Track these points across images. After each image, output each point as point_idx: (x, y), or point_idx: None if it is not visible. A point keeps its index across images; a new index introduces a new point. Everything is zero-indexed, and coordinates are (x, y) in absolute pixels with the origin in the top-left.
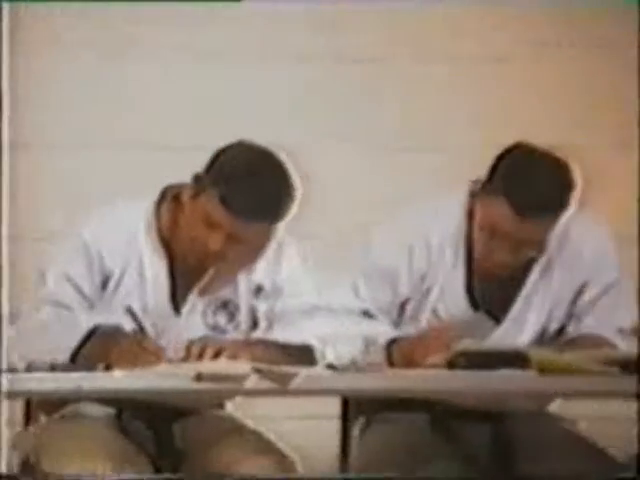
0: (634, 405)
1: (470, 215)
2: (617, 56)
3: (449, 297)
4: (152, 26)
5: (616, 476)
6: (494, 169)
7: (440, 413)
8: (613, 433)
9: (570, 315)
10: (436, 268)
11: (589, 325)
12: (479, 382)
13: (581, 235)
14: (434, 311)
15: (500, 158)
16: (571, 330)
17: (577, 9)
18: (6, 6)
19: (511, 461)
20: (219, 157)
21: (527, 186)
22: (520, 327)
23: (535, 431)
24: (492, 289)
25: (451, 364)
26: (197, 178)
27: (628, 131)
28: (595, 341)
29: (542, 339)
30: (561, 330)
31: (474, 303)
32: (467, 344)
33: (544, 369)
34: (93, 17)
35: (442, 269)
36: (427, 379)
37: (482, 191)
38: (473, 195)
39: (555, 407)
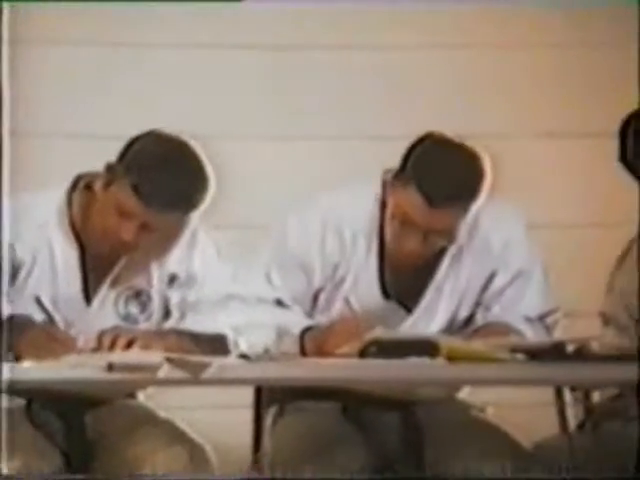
0: (540, 392)
1: (383, 205)
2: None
3: (362, 286)
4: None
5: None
6: (406, 159)
7: (352, 401)
8: (520, 420)
9: (479, 303)
10: (349, 258)
11: (497, 313)
12: (390, 370)
13: (491, 224)
14: (347, 300)
15: (412, 148)
16: (480, 318)
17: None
18: (6, 6)
19: (421, 448)
20: (132, 146)
21: (438, 176)
22: (431, 316)
23: (444, 418)
24: (404, 278)
25: (363, 353)
26: (109, 167)
27: (550, 120)
28: (503, 329)
29: (452, 327)
30: (470, 318)
31: (386, 292)
32: (378, 333)
33: (453, 357)
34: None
35: (355, 259)
36: (339, 368)
37: (394, 181)
38: (386, 185)
39: (464, 394)
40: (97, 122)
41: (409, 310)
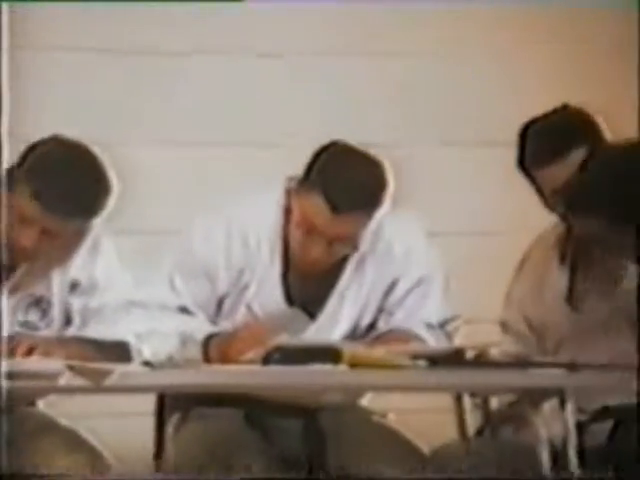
0: (441, 397)
1: (287, 211)
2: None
3: (266, 293)
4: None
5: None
6: (311, 166)
7: (255, 408)
8: (420, 425)
9: (381, 310)
10: (253, 265)
11: (399, 320)
12: (293, 377)
13: (393, 232)
14: (250, 307)
15: (317, 156)
16: (382, 325)
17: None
18: (6, 6)
19: (324, 454)
20: (32, 151)
21: (342, 183)
22: (334, 322)
23: (346, 424)
24: (308, 285)
25: (266, 359)
26: (9, 172)
27: (449, 129)
28: (404, 335)
29: (354, 334)
30: (373, 325)
31: (290, 299)
32: (282, 340)
33: (355, 363)
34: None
35: (259, 265)
36: (243, 375)
37: (299, 187)
38: (289, 192)
39: (366, 400)
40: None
41: (313, 316)
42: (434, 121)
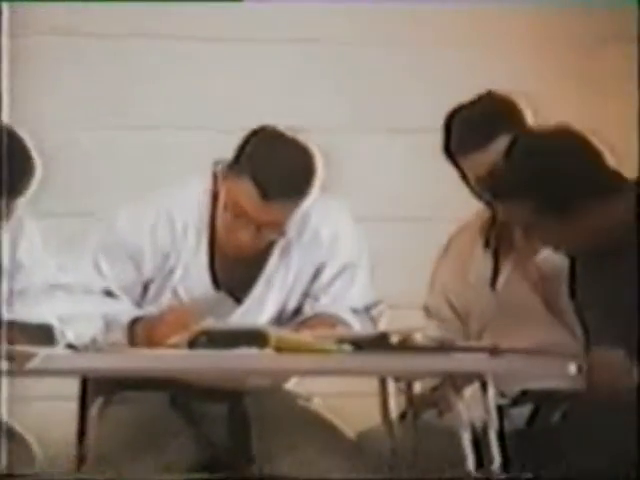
0: (365, 382)
1: (214, 195)
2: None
3: (192, 277)
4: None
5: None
6: (240, 151)
7: (181, 392)
8: (345, 409)
9: (308, 295)
10: (179, 249)
11: (325, 304)
12: (219, 361)
13: (320, 217)
14: (176, 291)
15: (246, 140)
16: (308, 309)
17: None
18: (6, 6)
19: (248, 438)
20: None
21: (272, 169)
22: (261, 307)
23: (272, 408)
24: (235, 269)
25: (192, 343)
26: None
27: (376, 115)
28: (330, 320)
29: (281, 318)
30: (299, 309)
31: (216, 283)
32: (208, 323)
33: (281, 347)
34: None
35: (185, 250)
36: (168, 359)
37: (228, 172)
38: (216, 176)
39: (291, 384)
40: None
41: (239, 301)
42: (361, 107)
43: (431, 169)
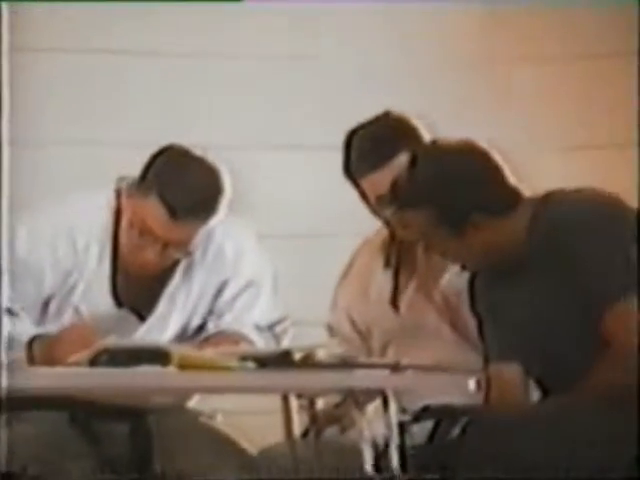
0: (268, 399)
1: (118, 212)
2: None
3: (94, 294)
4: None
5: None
6: (147, 169)
7: (81, 411)
8: (248, 427)
9: (211, 312)
10: (81, 266)
11: (228, 322)
12: (121, 379)
13: (224, 234)
14: (77, 309)
15: (154, 158)
16: (211, 327)
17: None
18: (6, 6)
19: (150, 457)
20: None
21: (180, 188)
22: (164, 324)
23: (174, 426)
24: (138, 287)
25: (93, 361)
26: None
27: (282, 132)
28: (233, 337)
29: (184, 336)
30: (202, 327)
31: (118, 301)
32: (109, 341)
33: (184, 365)
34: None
35: (87, 267)
36: (68, 377)
37: (135, 190)
38: (120, 193)
39: (194, 402)
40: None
41: (142, 318)
42: (265, 125)
43: (336, 186)
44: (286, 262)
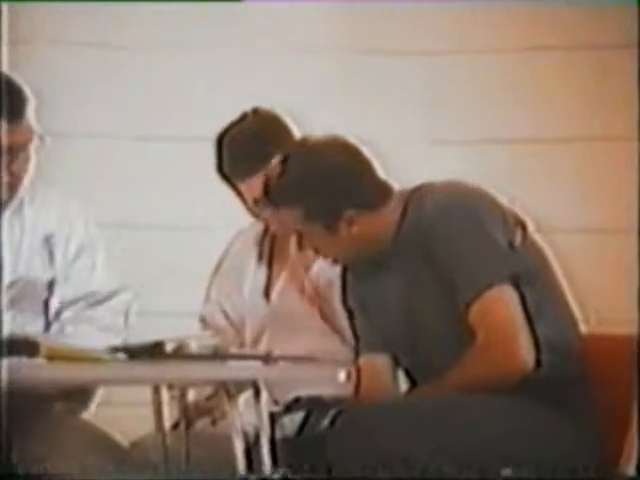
0: (139, 390)
1: None
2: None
3: None
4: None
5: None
6: None
7: None
8: (119, 419)
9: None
10: None
11: (71, 291)
12: None
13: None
14: None
15: None
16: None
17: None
18: (6, 6)
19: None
20: None
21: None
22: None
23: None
24: None
25: None
26: None
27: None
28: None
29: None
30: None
31: None
32: None
33: (53, 357)
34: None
35: None
36: None
37: None
38: None
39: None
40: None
41: None
42: (136, 117)
43: (210, 177)
44: (164, 253)
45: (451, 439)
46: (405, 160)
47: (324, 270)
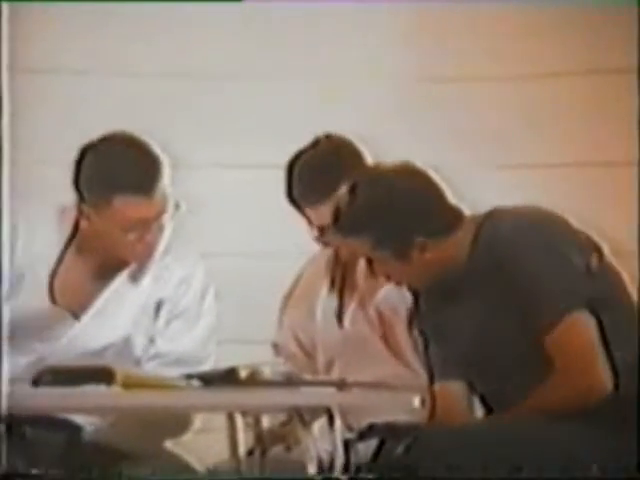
0: (214, 417)
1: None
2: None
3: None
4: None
5: None
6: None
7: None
8: (194, 445)
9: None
10: None
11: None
12: (65, 399)
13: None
14: None
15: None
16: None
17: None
18: (6, 6)
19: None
20: None
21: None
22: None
23: None
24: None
25: (36, 381)
26: None
27: None
28: None
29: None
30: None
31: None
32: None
33: (129, 384)
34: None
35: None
36: (12, 397)
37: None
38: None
39: None
40: None
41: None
42: (210, 141)
43: (281, 205)
44: (233, 280)
45: (527, 465)
46: (475, 185)
47: (388, 297)
